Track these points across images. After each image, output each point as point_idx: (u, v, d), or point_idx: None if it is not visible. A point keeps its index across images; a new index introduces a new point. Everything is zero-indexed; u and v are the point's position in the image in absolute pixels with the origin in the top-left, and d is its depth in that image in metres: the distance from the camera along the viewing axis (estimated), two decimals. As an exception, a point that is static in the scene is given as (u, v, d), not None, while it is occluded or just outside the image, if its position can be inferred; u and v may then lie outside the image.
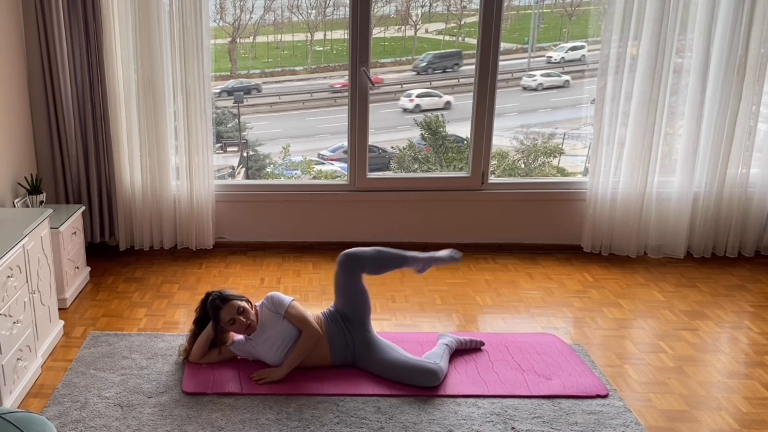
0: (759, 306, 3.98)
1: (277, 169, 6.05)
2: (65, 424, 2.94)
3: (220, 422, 2.95)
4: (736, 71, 4.32)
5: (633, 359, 3.45)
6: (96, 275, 4.52)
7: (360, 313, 3.35)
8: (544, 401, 3.08)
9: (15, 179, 4.27)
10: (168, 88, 4.57)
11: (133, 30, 4.48)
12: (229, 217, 4.92)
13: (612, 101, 4.48)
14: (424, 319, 3.91)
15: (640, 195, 4.58)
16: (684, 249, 4.65)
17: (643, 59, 4.36)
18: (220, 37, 5.77)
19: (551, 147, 5.98)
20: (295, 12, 6.03)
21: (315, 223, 4.91)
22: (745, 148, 4.49)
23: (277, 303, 3.32)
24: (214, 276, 4.53)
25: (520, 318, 3.93)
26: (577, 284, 4.33)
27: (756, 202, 4.57)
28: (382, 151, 5.93)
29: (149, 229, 4.84)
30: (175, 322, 3.91)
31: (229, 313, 3.25)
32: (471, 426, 2.91)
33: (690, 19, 4.32)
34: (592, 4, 5.59)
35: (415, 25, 6.02)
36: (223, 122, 5.94)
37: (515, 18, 6.01)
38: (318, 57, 6.15)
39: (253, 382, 3.22)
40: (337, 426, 2.92)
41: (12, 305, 3.05)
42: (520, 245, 4.88)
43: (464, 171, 4.97)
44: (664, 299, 4.10)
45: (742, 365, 3.38)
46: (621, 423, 2.91)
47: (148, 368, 3.38)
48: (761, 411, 3.01)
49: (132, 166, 4.70)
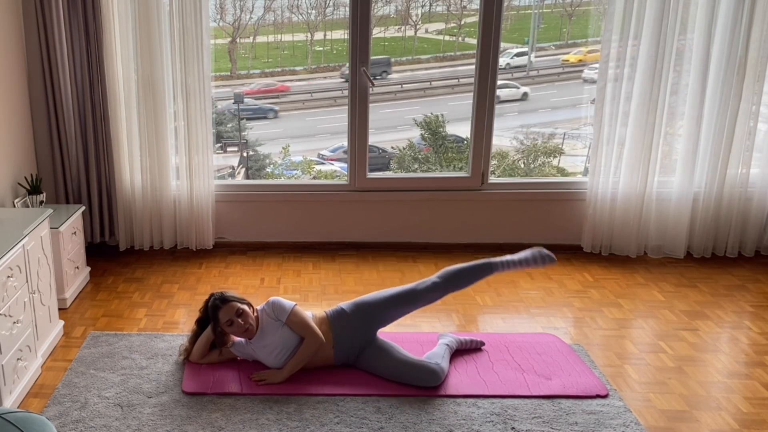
0: (759, 306, 3.98)
1: (277, 169, 6.04)
2: (65, 424, 2.94)
3: (220, 422, 2.95)
4: (736, 71, 4.32)
5: (633, 359, 3.45)
6: (96, 275, 4.52)
7: (383, 323, 3.35)
8: (544, 401, 3.08)
9: (15, 179, 4.27)
10: (168, 89, 4.57)
11: (133, 30, 4.48)
12: (229, 217, 4.92)
13: (612, 101, 4.48)
14: (424, 319, 3.91)
15: (640, 195, 4.58)
16: (684, 249, 4.65)
17: (643, 59, 4.36)
18: (220, 37, 5.77)
19: (551, 147, 5.98)
20: (295, 12, 6.03)
21: (315, 223, 4.91)
22: (745, 148, 4.49)
23: (278, 310, 3.28)
24: (214, 276, 4.53)
25: (520, 318, 3.93)
26: (577, 284, 4.33)
27: (756, 202, 4.58)
28: (382, 151, 5.93)
29: (149, 229, 4.84)
30: (175, 322, 3.91)
31: (227, 314, 3.24)
32: (471, 426, 2.91)
33: (690, 19, 4.32)
34: (592, 4, 5.59)
35: (415, 25, 6.02)
36: (223, 122, 5.94)
37: (515, 18, 6.01)
38: (318, 57, 6.15)
39: (254, 382, 3.22)
40: (337, 426, 2.92)
41: (12, 305, 3.05)
42: (520, 245, 4.86)
43: (464, 171, 4.97)
44: (664, 299, 4.10)
45: (742, 365, 3.38)
46: (621, 423, 2.91)
47: (148, 368, 3.38)
48: (761, 411, 3.01)
49: (132, 166, 4.70)
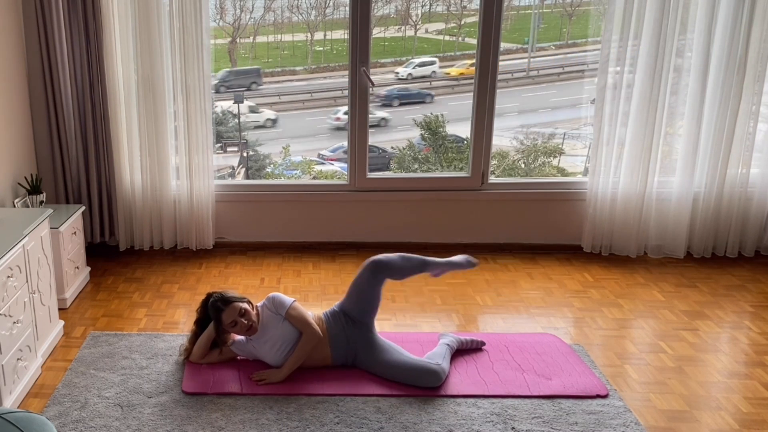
0: (759, 306, 3.98)
1: (277, 169, 6.04)
2: (65, 424, 2.94)
3: (220, 422, 2.95)
4: (736, 71, 4.32)
5: (633, 359, 3.45)
6: (96, 275, 4.52)
7: (367, 316, 3.37)
8: (544, 401, 3.08)
9: (15, 179, 4.27)
10: (168, 88, 4.57)
11: (133, 30, 4.48)
12: (229, 217, 4.92)
13: (612, 101, 4.48)
14: (425, 319, 3.91)
15: (640, 195, 4.58)
16: (684, 249, 4.65)
17: (643, 59, 4.36)
18: (220, 37, 5.77)
19: (551, 147, 5.97)
20: (295, 12, 6.03)
21: (315, 223, 4.91)
22: (745, 148, 4.49)
23: (278, 304, 3.32)
24: (214, 276, 4.53)
25: (520, 318, 3.93)
26: (577, 284, 4.33)
27: (756, 202, 4.57)
28: (382, 151, 5.93)
29: (149, 229, 4.84)
30: (175, 322, 3.91)
31: (230, 315, 3.25)
32: (471, 426, 2.91)
33: (690, 19, 4.32)
34: (592, 4, 5.58)
35: (415, 25, 6.02)
36: (223, 122, 5.93)
37: (515, 18, 6.00)
38: (318, 57, 6.15)
39: (254, 382, 3.22)
40: (337, 426, 2.92)
41: (12, 305, 3.05)
42: (520, 245, 4.88)
43: (464, 171, 4.97)
44: (664, 299, 4.10)
45: (742, 365, 3.38)
46: (621, 423, 2.91)
47: (148, 368, 3.38)
48: (761, 411, 3.01)
49: (132, 166, 4.70)
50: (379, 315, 3.89)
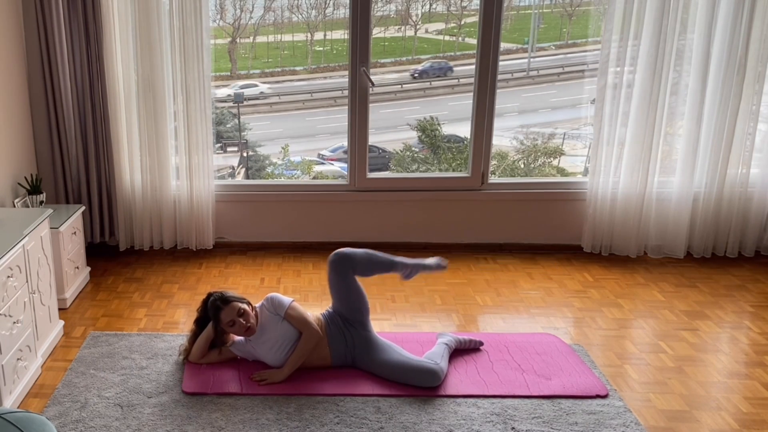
0: (759, 306, 3.98)
1: (277, 169, 6.04)
2: (65, 424, 2.94)
3: (220, 422, 2.95)
4: (736, 71, 4.32)
5: (633, 359, 3.45)
6: (96, 275, 4.52)
7: (357, 313, 3.35)
8: (544, 401, 3.08)
9: (15, 179, 4.27)
10: (168, 88, 4.57)
11: (133, 30, 4.48)
12: (229, 217, 4.92)
13: (612, 101, 4.48)
14: (424, 319, 3.91)
15: (640, 195, 4.58)
16: (684, 249, 4.65)
17: (643, 59, 4.36)
18: (220, 37, 5.76)
19: (551, 147, 5.97)
20: (295, 12, 6.03)
21: (315, 223, 4.91)
22: (745, 148, 4.48)
23: (277, 304, 3.32)
24: (214, 276, 4.53)
25: (520, 318, 3.93)
26: (577, 284, 4.33)
27: (756, 202, 4.57)
28: (382, 151, 5.93)
29: (149, 229, 4.84)
30: (175, 322, 3.91)
31: (229, 314, 3.25)
32: (471, 426, 2.91)
33: (690, 19, 4.32)
34: (592, 4, 5.58)
35: (415, 25, 6.02)
36: (223, 122, 5.93)
37: (515, 18, 6.00)
38: (318, 57, 6.14)
39: (254, 382, 3.22)
40: (337, 426, 2.92)
41: (12, 305, 3.05)
42: (520, 245, 4.88)
43: (464, 171, 4.97)
44: (664, 299, 4.10)
45: (742, 365, 3.38)
46: (621, 423, 2.91)
47: (148, 368, 3.38)
48: (761, 411, 3.01)
49: (132, 166, 4.70)
50: (379, 315, 3.90)
